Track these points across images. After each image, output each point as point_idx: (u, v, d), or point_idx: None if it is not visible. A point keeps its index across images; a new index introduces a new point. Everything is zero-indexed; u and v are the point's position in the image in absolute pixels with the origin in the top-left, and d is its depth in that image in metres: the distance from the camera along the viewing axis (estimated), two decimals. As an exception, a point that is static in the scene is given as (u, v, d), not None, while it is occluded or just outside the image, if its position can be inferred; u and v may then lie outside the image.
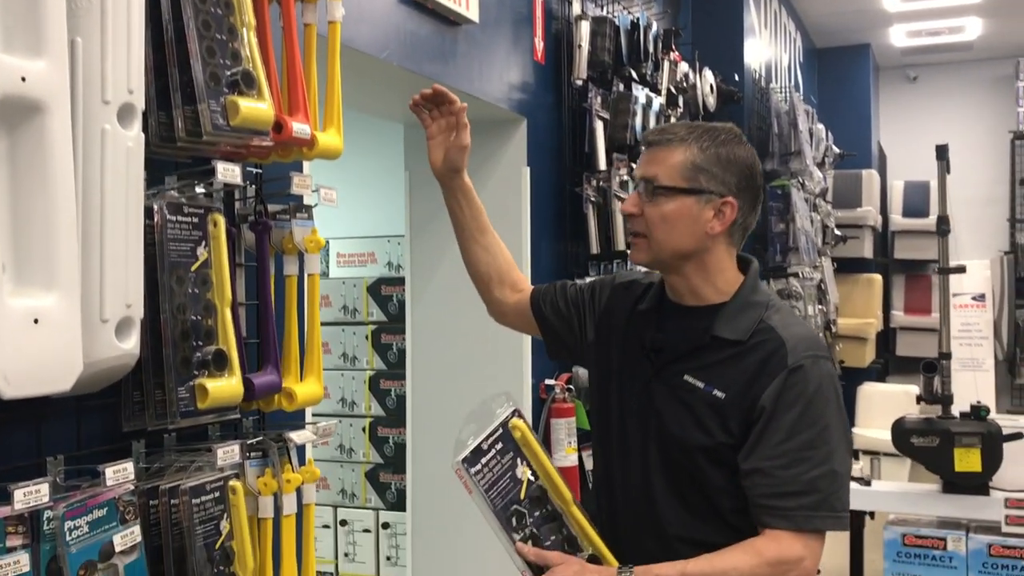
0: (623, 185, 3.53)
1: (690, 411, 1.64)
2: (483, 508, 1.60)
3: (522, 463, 1.65)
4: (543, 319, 1.96)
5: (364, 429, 4.04)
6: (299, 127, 1.65)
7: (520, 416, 1.66)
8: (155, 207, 1.48)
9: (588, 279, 3.29)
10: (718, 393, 1.62)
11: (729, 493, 1.62)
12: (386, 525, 4.00)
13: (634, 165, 3.60)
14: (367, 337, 4.07)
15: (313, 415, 2.07)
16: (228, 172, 1.53)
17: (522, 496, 1.62)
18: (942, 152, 3.23)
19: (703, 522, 1.64)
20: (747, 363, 1.62)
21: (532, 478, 1.64)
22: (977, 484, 3.09)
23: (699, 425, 1.62)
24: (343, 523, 4.07)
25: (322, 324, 4.21)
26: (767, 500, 1.58)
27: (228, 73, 1.52)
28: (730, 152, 1.68)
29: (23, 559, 1.27)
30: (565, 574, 1.56)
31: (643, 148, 1.74)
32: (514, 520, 1.60)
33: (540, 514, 1.63)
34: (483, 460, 1.61)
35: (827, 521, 1.58)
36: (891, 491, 3.36)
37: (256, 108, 1.53)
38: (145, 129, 1.43)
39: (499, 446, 1.64)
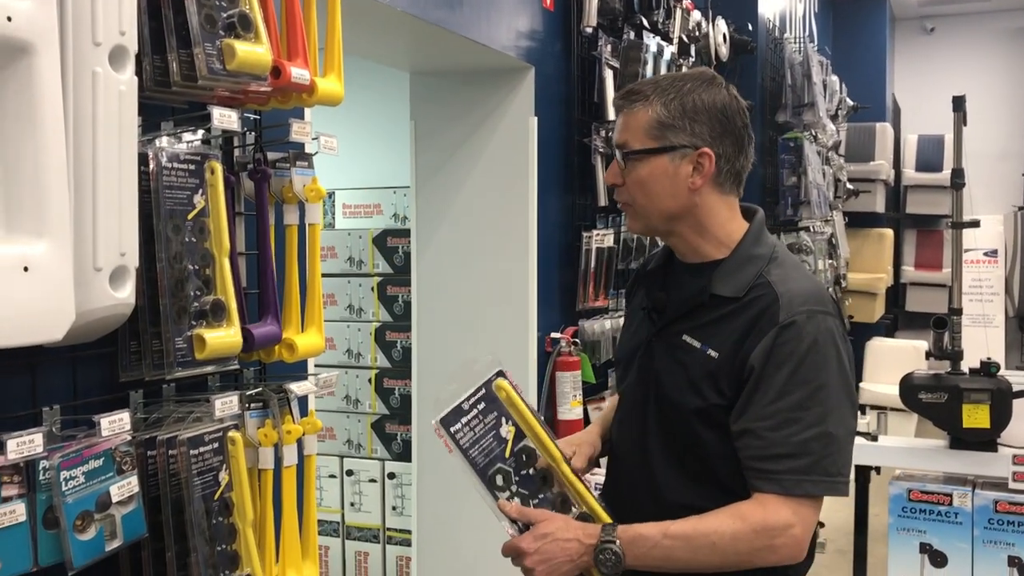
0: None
1: (686, 372, 1.60)
2: (464, 468, 1.58)
3: (507, 422, 1.61)
4: None
5: (370, 380, 4.04)
6: (298, 72, 1.61)
7: (505, 377, 1.63)
8: (150, 154, 1.45)
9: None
10: (712, 352, 1.57)
11: (725, 457, 1.57)
12: (392, 475, 4.02)
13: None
14: (373, 289, 4.05)
15: (318, 366, 2.05)
16: (224, 118, 1.49)
17: (507, 455, 1.59)
18: (959, 103, 3.16)
19: (700, 487, 1.60)
20: (740, 320, 1.56)
21: (519, 438, 1.60)
22: (985, 440, 3.07)
23: (692, 387, 1.58)
24: (349, 473, 4.08)
25: (328, 276, 4.21)
26: (756, 463, 1.53)
27: (224, 15, 1.48)
28: (697, 100, 1.60)
29: (19, 509, 1.26)
30: (547, 529, 1.54)
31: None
32: (499, 479, 1.57)
33: (528, 473, 1.59)
34: (463, 420, 1.58)
35: (819, 485, 1.51)
36: (898, 446, 3.35)
37: (253, 52, 1.49)
38: (139, 73, 1.39)
39: (481, 406, 1.61)
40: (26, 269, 1.18)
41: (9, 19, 1.15)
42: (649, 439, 1.65)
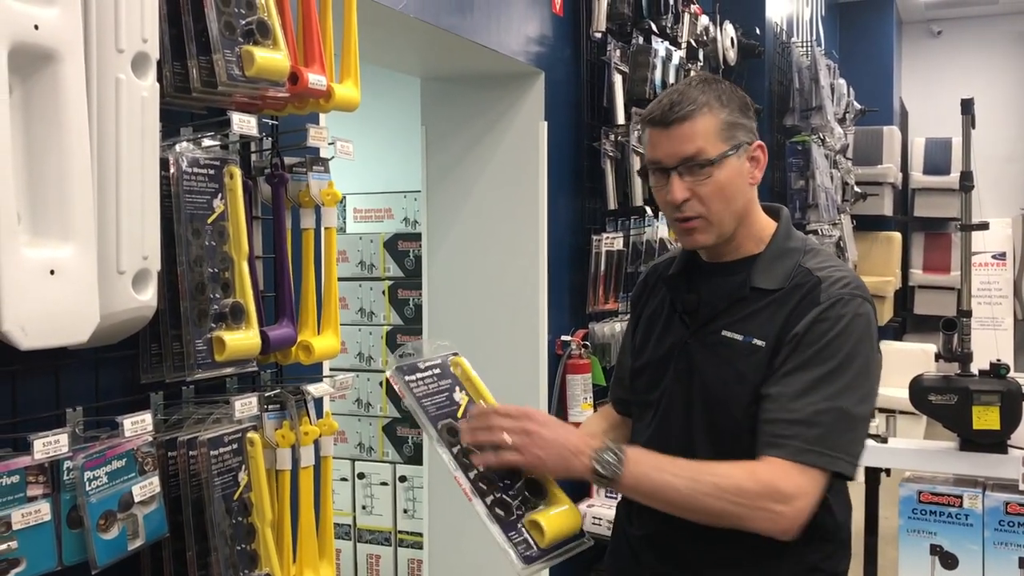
0: (641, 140, 3.48)
1: (730, 366, 1.60)
2: (416, 412, 1.59)
3: (461, 391, 1.65)
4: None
5: (381, 384, 4.06)
6: (315, 78, 1.63)
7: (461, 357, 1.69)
8: (171, 159, 1.47)
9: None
10: (758, 342, 1.58)
11: None
12: (403, 478, 4.04)
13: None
14: (384, 292, 4.07)
15: (331, 369, 2.07)
16: (244, 123, 1.51)
17: (459, 416, 1.61)
18: (967, 106, 3.17)
19: None
20: (786, 308, 1.58)
21: (472, 407, 1.64)
22: (995, 442, 3.07)
23: (740, 379, 1.58)
24: (361, 476, 4.10)
25: (339, 279, 4.21)
26: (769, 426, 1.53)
27: (243, 22, 1.50)
28: (738, 96, 1.64)
29: (44, 508, 1.28)
30: (546, 418, 1.55)
31: (653, 128, 1.61)
32: (447, 432, 1.58)
33: None
34: (418, 375, 1.62)
35: (823, 458, 1.49)
36: (907, 448, 3.35)
37: (271, 58, 1.51)
38: (160, 79, 1.41)
39: (437, 371, 1.65)
40: (52, 272, 1.21)
41: (36, 27, 1.18)
42: (695, 440, 1.63)
